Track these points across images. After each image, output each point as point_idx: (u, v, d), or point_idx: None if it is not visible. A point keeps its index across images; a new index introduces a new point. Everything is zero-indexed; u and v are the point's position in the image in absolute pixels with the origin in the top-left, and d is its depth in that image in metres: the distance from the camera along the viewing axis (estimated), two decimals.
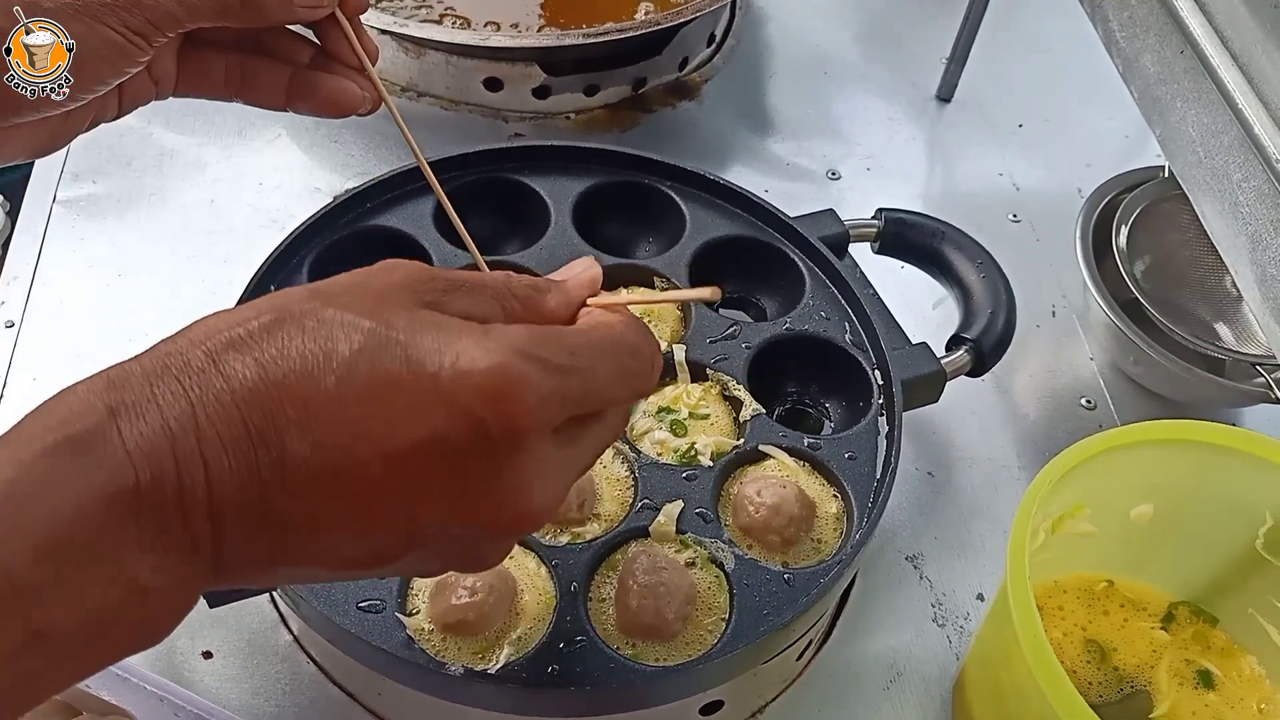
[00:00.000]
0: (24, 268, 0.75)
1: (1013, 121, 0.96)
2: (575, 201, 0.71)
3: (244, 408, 0.32)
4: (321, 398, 0.32)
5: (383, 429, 0.32)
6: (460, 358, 0.33)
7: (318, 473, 0.32)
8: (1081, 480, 0.54)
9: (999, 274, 0.69)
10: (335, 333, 0.33)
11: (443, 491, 0.34)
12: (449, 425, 0.33)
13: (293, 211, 0.79)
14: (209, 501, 0.31)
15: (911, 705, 0.62)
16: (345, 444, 0.32)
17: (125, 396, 0.31)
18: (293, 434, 0.32)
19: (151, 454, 0.31)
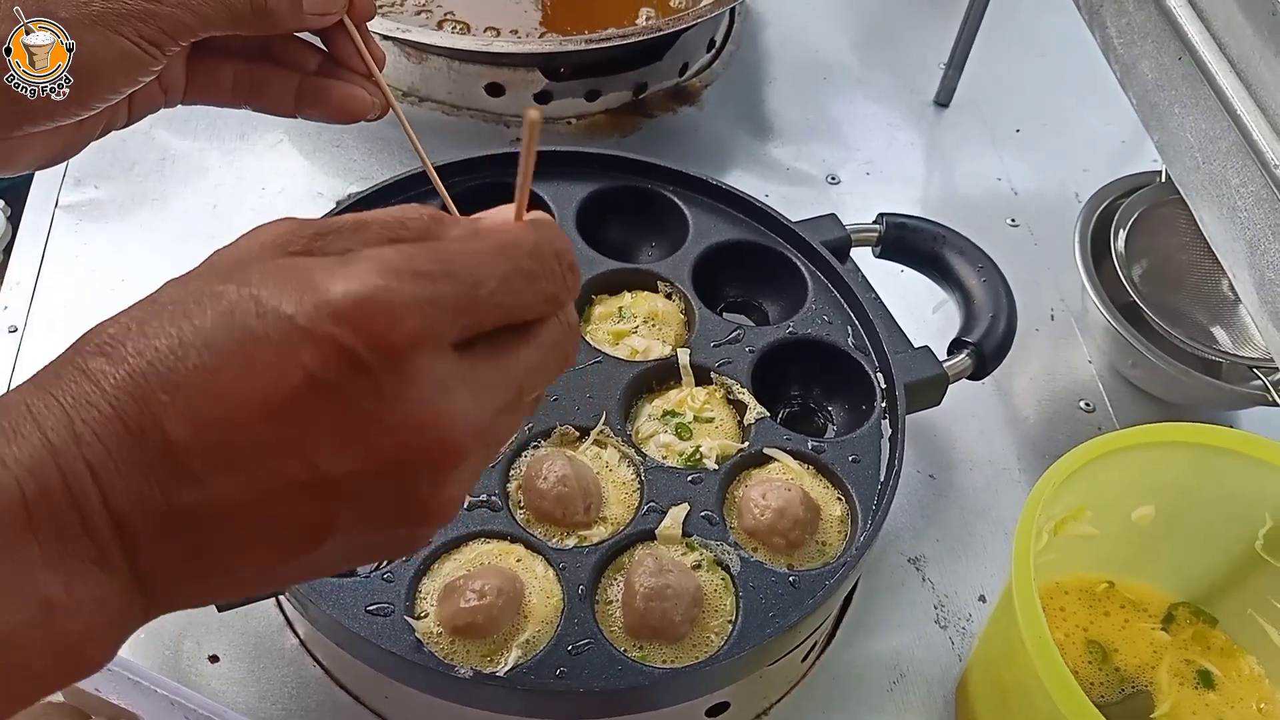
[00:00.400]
0: (27, 273, 0.75)
1: (1010, 126, 0.97)
2: (579, 206, 0.72)
3: (117, 405, 0.31)
4: (189, 374, 0.31)
5: (256, 387, 0.31)
6: (315, 291, 0.31)
7: (205, 451, 0.31)
8: (1084, 482, 0.55)
9: (999, 278, 0.70)
10: (191, 307, 0.31)
11: (337, 432, 0.31)
12: (319, 362, 0.31)
13: (296, 216, 0.79)
14: (105, 506, 0.30)
15: (915, 706, 0.62)
16: (223, 414, 0.31)
17: (3, 421, 0.30)
18: (170, 418, 0.30)
19: (34, 468, 0.30)
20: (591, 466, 0.60)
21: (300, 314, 0.31)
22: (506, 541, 0.56)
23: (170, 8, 0.44)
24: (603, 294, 0.69)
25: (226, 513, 0.31)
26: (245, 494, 0.31)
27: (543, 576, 0.55)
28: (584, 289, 0.68)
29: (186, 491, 0.31)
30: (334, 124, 0.53)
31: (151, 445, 0.31)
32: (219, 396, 0.31)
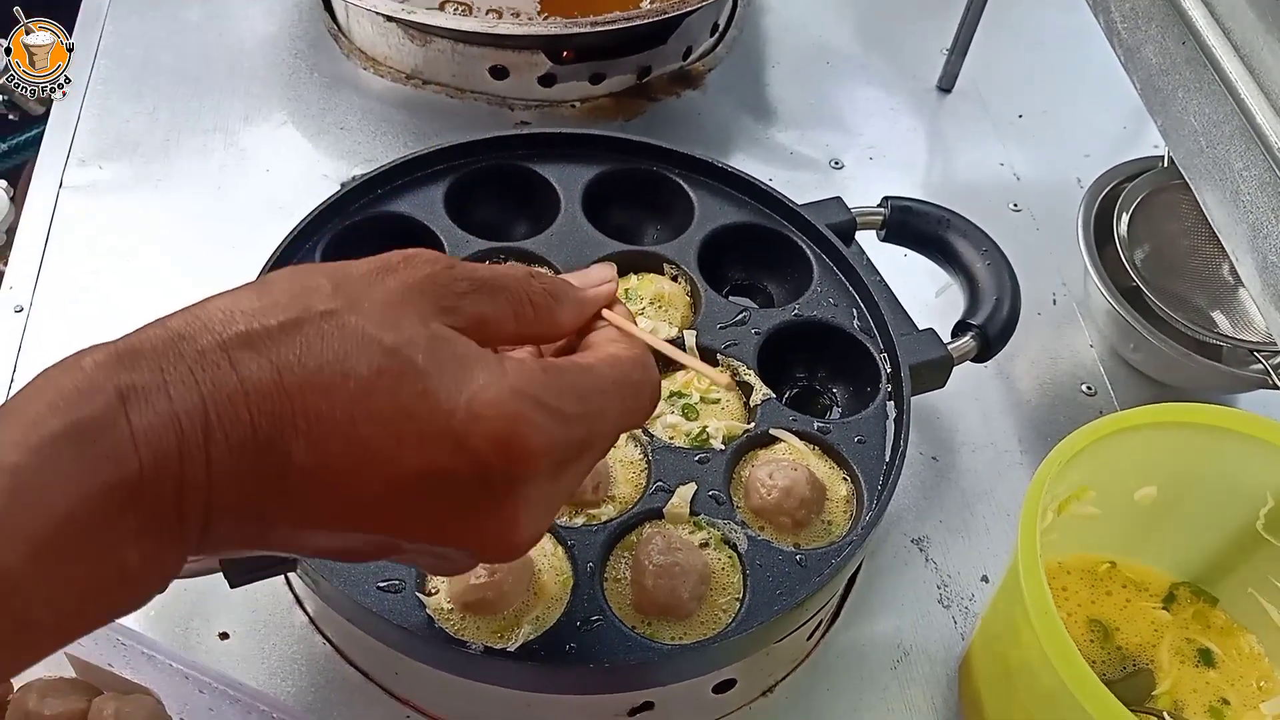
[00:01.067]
0: (32, 252, 0.75)
1: (1013, 112, 0.97)
2: (584, 188, 0.72)
3: (255, 411, 0.31)
4: (333, 415, 0.32)
5: (389, 454, 0.33)
6: (475, 399, 0.33)
7: (317, 486, 0.32)
8: (1088, 462, 0.55)
9: (1004, 261, 0.70)
10: (355, 349, 0.33)
11: (434, 520, 0.35)
12: (454, 462, 0.33)
13: (300, 198, 0.79)
14: (206, 499, 0.31)
15: (918, 684, 0.63)
16: (350, 464, 0.32)
17: (135, 379, 0.31)
18: (300, 446, 0.32)
19: (158, 447, 0.30)
20: None
21: (458, 415, 0.33)
22: None
23: None
24: None
25: (305, 532, 0.34)
26: (327, 526, 0.34)
27: (552, 554, 0.56)
28: None
29: (280, 505, 0.33)
30: None
31: (271, 464, 0.32)
32: (353, 446, 0.32)
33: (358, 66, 0.90)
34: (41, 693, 0.50)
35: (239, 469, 0.31)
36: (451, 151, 0.72)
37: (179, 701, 0.49)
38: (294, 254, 0.65)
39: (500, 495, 0.35)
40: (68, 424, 0.30)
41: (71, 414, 0.30)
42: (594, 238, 0.70)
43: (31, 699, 0.49)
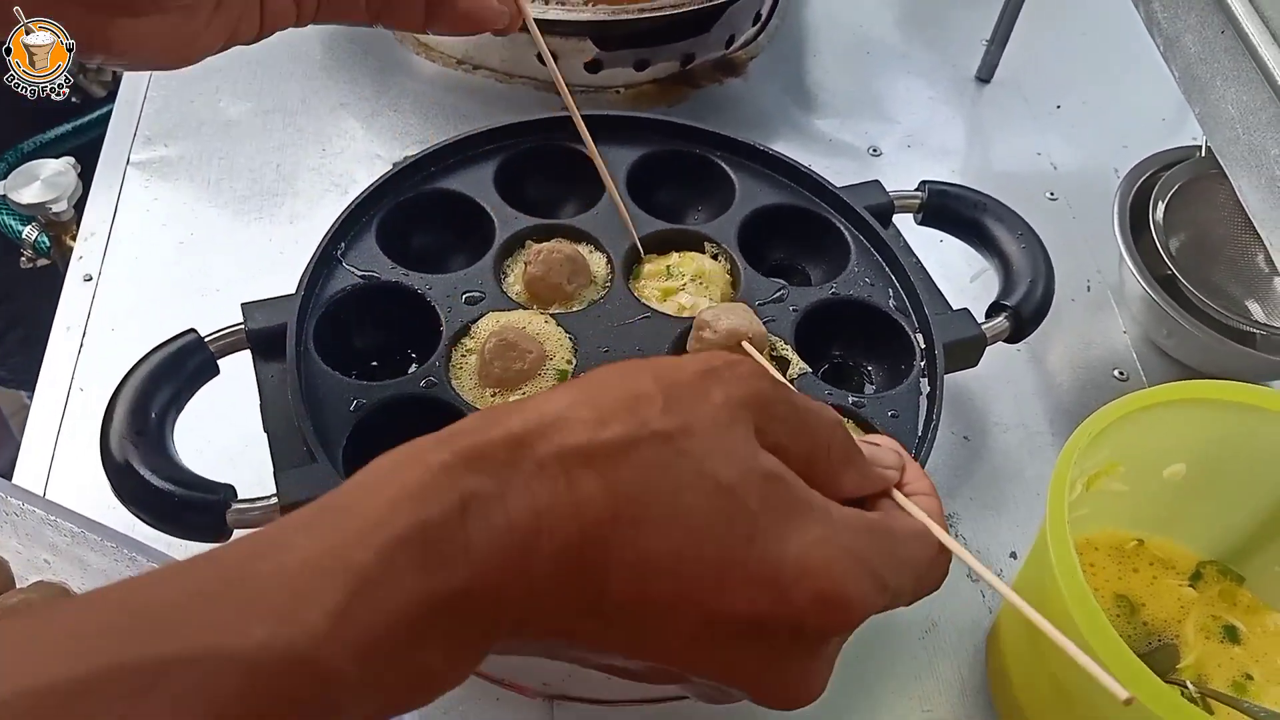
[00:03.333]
0: (100, 225, 0.78)
1: (1051, 102, 0.98)
2: (629, 169, 0.74)
3: (583, 536, 0.31)
4: (660, 551, 0.32)
5: (709, 598, 0.32)
6: (807, 555, 0.33)
7: (630, 618, 0.32)
8: (1118, 437, 0.56)
9: (1039, 245, 0.72)
10: (690, 484, 0.32)
11: (736, 666, 0.34)
12: (772, 615, 0.32)
13: (354, 176, 0.83)
14: (521, 615, 0.32)
15: (946, 653, 0.65)
16: (668, 602, 0.32)
17: (478, 486, 0.31)
18: (620, 575, 0.31)
19: (489, 561, 0.30)
20: None
21: (786, 569, 0.32)
22: None
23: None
24: (651, 254, 0.72)
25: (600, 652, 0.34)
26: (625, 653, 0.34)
27: None
28: (631, 249, 0.71)
29: (585, 631, 0.33)
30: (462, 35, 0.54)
31: (590, 585, 0.32)
32: (674, 583, 0.32)
33: (410, 52, 0.93)
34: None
35: (557, 590, 0.31)
36: (501, 132, 0.74)
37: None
38: (352, 226, 0.68)
39: (809, 651, 0.34)
40: (411, 526, 0.30)
41: (415, 515, 0.30)
42: (637, 216, 0.72)
43: None
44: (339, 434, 0.59)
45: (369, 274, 0.66)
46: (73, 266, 0.76)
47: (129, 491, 0.55)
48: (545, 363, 0.64)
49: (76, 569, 0.54)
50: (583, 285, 0.69)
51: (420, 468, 0.31)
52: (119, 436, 0.55)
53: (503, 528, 0.30)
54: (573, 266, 0.68)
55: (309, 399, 0.59)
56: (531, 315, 0.66)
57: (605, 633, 0.33)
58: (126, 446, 0.55)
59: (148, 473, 0.55)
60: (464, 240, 0.71)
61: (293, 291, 0.63)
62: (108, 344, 0.72)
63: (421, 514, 0.30)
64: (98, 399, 0.67)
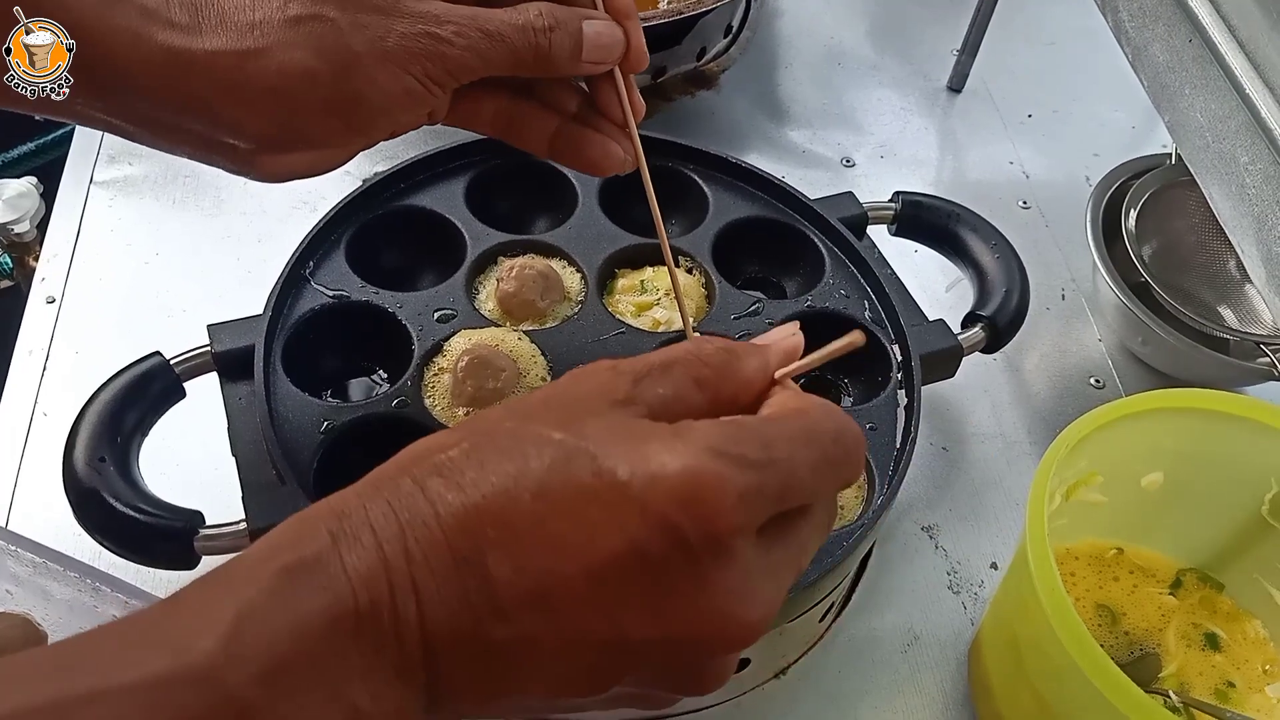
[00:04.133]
0: (63, 246, 0.77)
1: (1022, 112, 0.99)
2: (601, 184, 0.74)
3: (448, 532, 0.32)
4: (519, 516, 0.32)
5: (580, 543, 0.32)
6: (650, 461, 0.32)
7: (522, 594, 0.32)
8: (1096, 447, 0.56)
9: (1012, 254, 0.72)
10: (527, 449, 0.33)
11: (649, 604, 0.33)
12: (645, 534, 0.32)
13: (323, 194, 0.81)
14: (421, 628, 0.32)
15: (928, 666, 0.64)
16: (546, 563, 0.32)
17: (344, 522, 0.32)
18: (495, 556, 0.32)
19: (370, 579, 0.31)
20: None
21: (635, 484, 0.32)
22: None
23: (459, 50, 0.45)
24: (625, 268, 0.71)
25: (528, 652, 0.33)
26: (549, 639, 0.33)
27: None
28: (605, 264, 0.70)
29: (496, 627, 0.32)
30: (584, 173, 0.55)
31: (473, 577, 0.32)
32: (544, 544, 0.32)
33: None
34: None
35: (445, 593, 0.32)
36: (472, 148, 0.73)
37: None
38: (321, 245, 0.67)
39: (707, 560, 0.32)
40: (288, 563, 0.31)
41: (290, 555, 0.31)
42: (610, 231, 0.72)
43: None
44: (309, 456, 0.57)
45: (339, 293, 0.65)
46: (35, 288, 0.74)
47: (94, 519, 0.53)
48: (519, 380, 0.63)
49: (40, 599, 0.53)
50: (556, 301, 0.68)
51: (294, 521, 0.33)
52: (83, 462, 0.54)
53: (372, 546, 0.32)
54: (546, 282, 0.67)
55: (278, 421, 0.58)
56: (504, 333, 0.66)
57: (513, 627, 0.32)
58: (91, 473, 0.54)
59: (113, 499, 0.53)
60: (435, 257, 0.70)
61: (260, 312, 0.62)
62: (71, 367, 0.70)
63: (298, 552, 0.32)
64: (61, 424, 0.66)
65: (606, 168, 0.54)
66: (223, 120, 0.45)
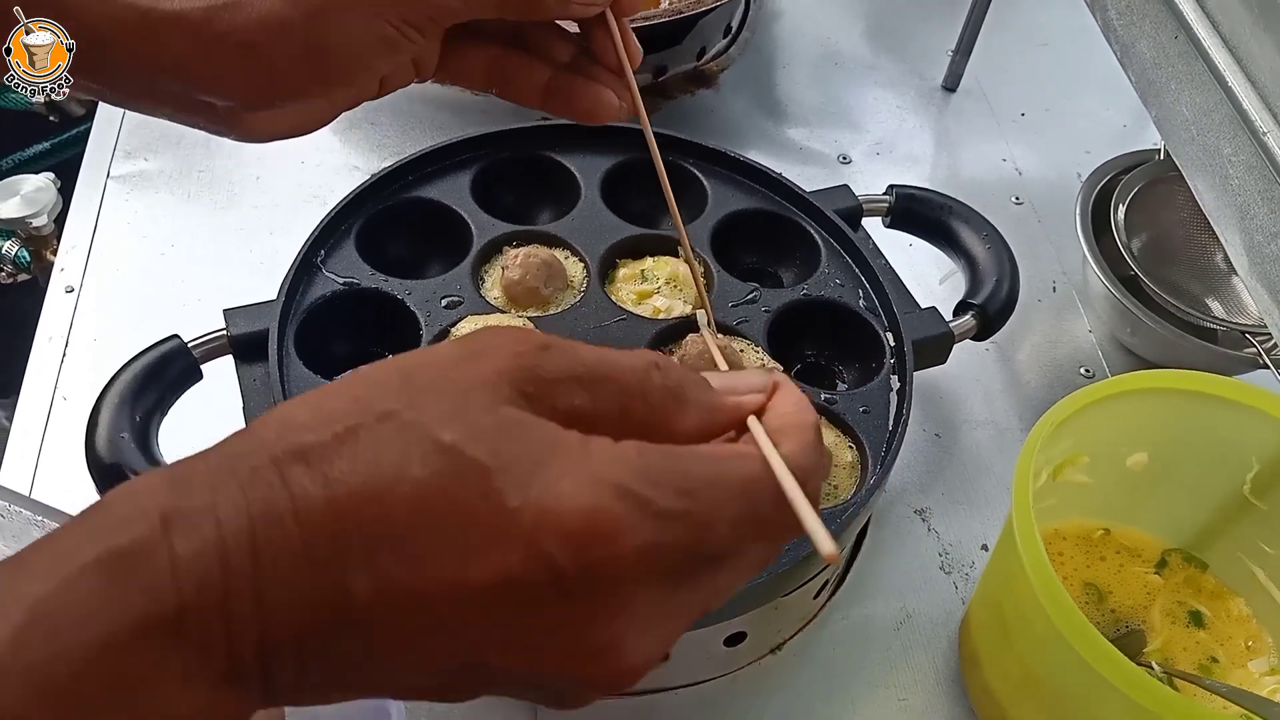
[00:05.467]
0: (81, 238, 0.79)
1: (1015, 110, 1.01)
2: (603, 176, 0.76)
3: (305, 530, 0.28)
4: (388, 526, 0.28)
5: (451, 567, 0.28)
6: (546, 492, 0.29)
7: (380, 611, 0.29)
8: (1081, 427, 0.58)
9: (1003, 245, 0.74)
10: (410, 449, 0.29)
11: (517, 641, 0.30)
12: (524, 570, 0.28)
13: (333, 187, 0.84)
14: (260, 632, 0.28)
15: (920, 644, 0.66)
16: (409, 581, 0.28)
17: (183, 502, 0.28)
18: (354, 564, 0.28)
19: (201, 577, 0.27)
20: None
21: (525, 515, 0.29)
22: None
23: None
24: (626, 258, 0.73)
25: (378, 665, 0.30)
26: (403, 657, 0.30)
27: None
28: (607, 254, 0.72)
29: (349, 640, 0.29)
30: (578, 122, 0.53)
31: (326, 585, 0.28)
32: (411, 560, 0.29)
33: None
34: None
35: (292, 599, 0.28)
36: (478, 141, 0.76)
37: None
38: (331, 234, 0.69)
39: (584, 606, 0.29)
40: (101, 553, 0.27)
41: (108, 541, 0.27)
42: (612, 222, 0.74)
43: None
44: None
45: (349, 280, 0.67)
46: (54, 278, 0.77)
47: None
48: None
49: None
50: (559, 289, 0.70)
51: (126, 497, 0.29)
52: (105, 439, 0.56)
53: (212, 540, 0.28)
54: (549, 271, 0.69)
55: None
56: (509, 319, 0.68)
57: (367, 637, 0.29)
58: (113, 449, 0.56)
59: (134, 475, 0.55)
60: (442, 247, 0.72)
61: (274, 298, 0.64)
62: (90, 354, 0.73)
63: (114, 540, 0.27)
64: (80, 408, 0.68)
65: (601, 115, 0.52)
66: (197, 78, 0.43)
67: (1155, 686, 0.48)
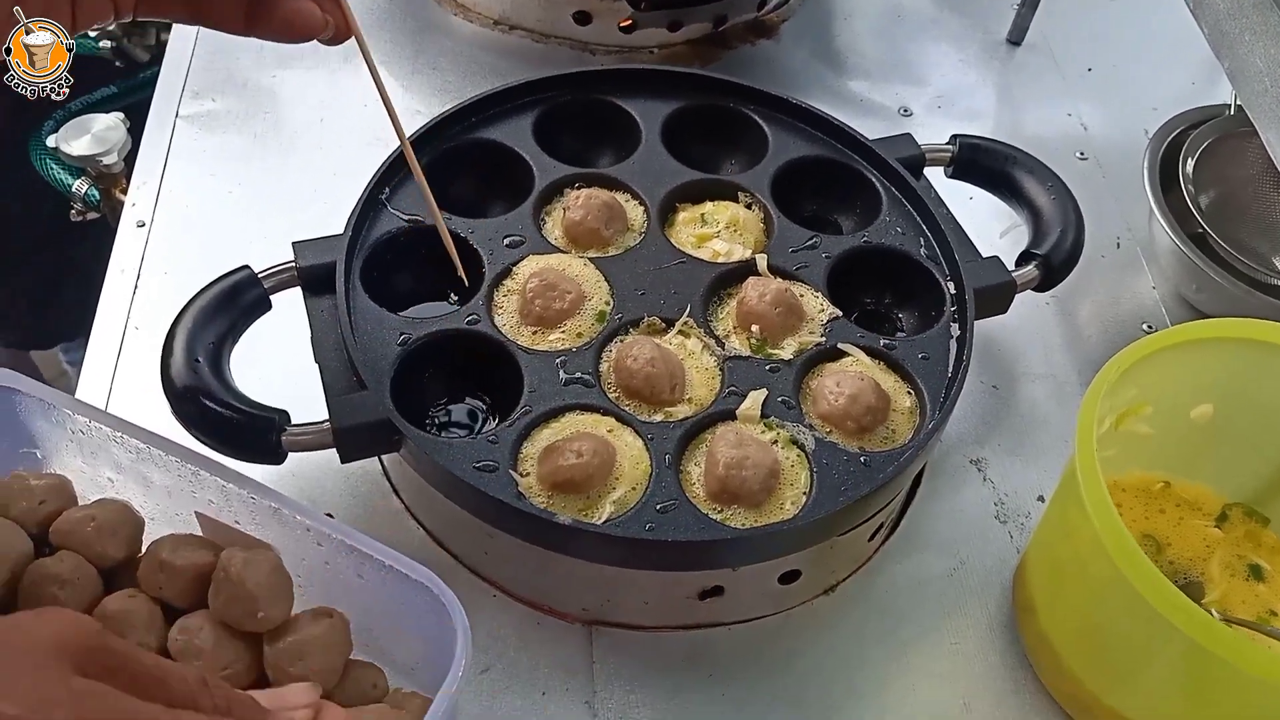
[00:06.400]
0: (152, 175, 0.81)
1: (1082, 65, 0.99)
2: (664, 121, 0.76)
3: None
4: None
5: None
6: None
7: None
8: (1146, 375, 0.58)
9: (1069, 196, 0.73)
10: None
11: None
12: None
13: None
14: None
15: (973, 591, 0.66)
16: None
17: None
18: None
19: None
20: (676, 354, 0.64)
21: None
22: (599, 414, 0.61)
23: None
24: (685, 203, 0.73)
25: None
26: None
27: (632, 445, 0.60)
28: (667, 198, 0.72)
29: None
30: (285, 43, 0.52)
31: None
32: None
33: (448, 13, 0.95)
34: (173, 545, 0.55)
35: None
36: (539, 84, 0.76)
37: (297, 555, 0.54)
38: (396, 173, 0.70)
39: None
40: None
41: None
42: (671, 166, 0.74)
43: (164, 550, 0.55)
44: (387, 365, 0.61)
45: (414, 218, 0.68)
46: (126, 213, 0.78)
47: (190, 415, 0.57)
48: (584, 303, 0.66)
49: (140, 486, 0.57)
50: (620, 231, 0.70)
51: None
52: (180, 362, 0.58)
53: None
54: (610, 212, 0.70)
55: (358, 333, 0.62)
56: (571, 259, 0.68)
57: None
58: (187, 372, 0.57)
59: (207, 397, 0.57)
60: (503, 188, 0.73)
61: (340, 232, 0.65)
62: (160, 287, 0.74)
63: None
64: (151, 337, 0.70)
65: (303, 29, 0.50)
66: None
67: (1217, 627, 0.47)
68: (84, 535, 0.56)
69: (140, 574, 0.55)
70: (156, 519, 0.58)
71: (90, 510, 0.56)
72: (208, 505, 0.56)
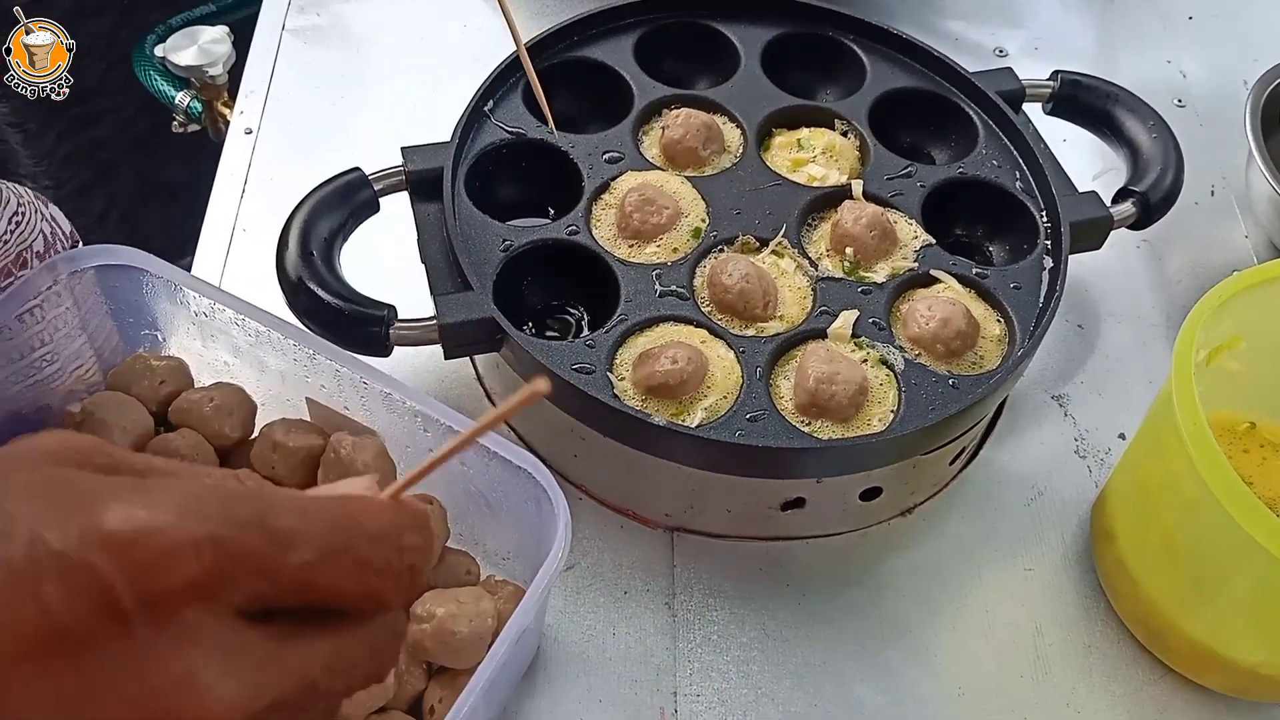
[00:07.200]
0: (259, 85, 0.83)
1: (1183, 12, 0.97)
2: (763, 48, 0.76)
3: None
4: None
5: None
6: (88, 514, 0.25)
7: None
8: (1245, 308, 0.58)
9: (1170, 135, 0.72)
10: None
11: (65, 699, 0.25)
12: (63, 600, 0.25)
13: (495, 50, 0.85)
14: None
15: (1050, 520, 0.67)
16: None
17: None
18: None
19: None
20: (769, 273, 0.65)
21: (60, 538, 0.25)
22: (693, 326, 0.62)
23: None
24: (782, 128, 0.74)
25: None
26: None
27: (724, 357, 0.61)
28: (764, 122, 0.73)
29: None
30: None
31: None
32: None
33: None
34: (286, 428, 0.58)
35: None
36: (641, 6, 0.77)
37: (402, 443, 0.56)
38: (500, 86, 0.71)
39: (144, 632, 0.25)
40: None
41: None
42: (770, 91, 0.74)
43: (278, 432, 0.58)
44: (490, 270, 0.63)
45: (516, 130, 0.70)
46: (234, 121, 0.81)
47: (303, 305, 0.60)
48: (680, 219, 0.67)
49: (255, 371, 0.60)
50: (716, 152, 0.71)
51: None
52: (295, 255, 0.60)
53: None
54: (708, 133, 0.71)
55: (462, 237, 0.64)
56: (668, 176, 0.69)
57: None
58: (301, 265, 0.60)
59: (319, 289, 0.59)
60: (603, 106, 0.74)
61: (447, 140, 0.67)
62: (267, 192, 0.77)
63: None
64: (259, 239, 0.73)
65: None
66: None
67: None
68: (202, 414, 0.59)
69: (254, 455, 0.59)
70: (268, 404, 0.61)
71: (209, 391, 0.59)
72: (319, 390, 0.58)
